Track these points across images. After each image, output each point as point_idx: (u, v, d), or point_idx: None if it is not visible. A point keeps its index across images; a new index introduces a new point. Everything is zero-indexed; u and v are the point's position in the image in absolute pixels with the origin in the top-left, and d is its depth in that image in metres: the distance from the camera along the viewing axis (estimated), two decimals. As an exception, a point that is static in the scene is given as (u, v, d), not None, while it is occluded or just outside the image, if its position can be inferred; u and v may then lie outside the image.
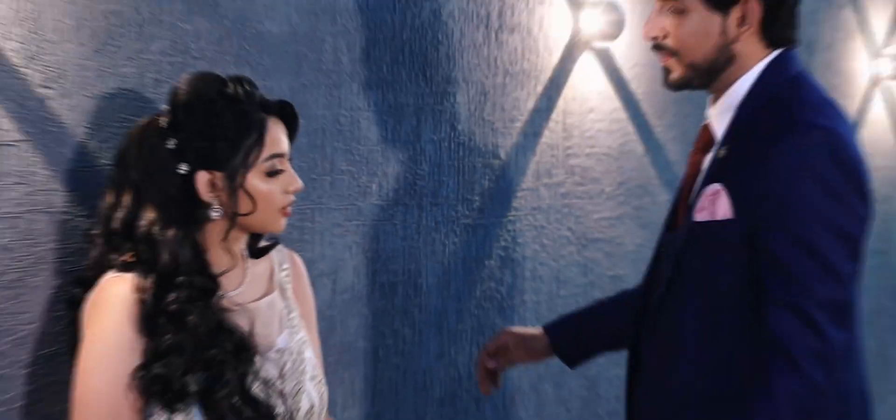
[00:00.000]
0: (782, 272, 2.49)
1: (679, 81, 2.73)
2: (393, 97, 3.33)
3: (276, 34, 3.05)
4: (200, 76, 2.51)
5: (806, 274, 2.47)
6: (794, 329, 2.46)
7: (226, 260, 2.55)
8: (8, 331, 2.59)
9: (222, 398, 2.42)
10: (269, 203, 2.52)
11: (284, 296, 2.68)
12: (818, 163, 2.48)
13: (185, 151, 2.45)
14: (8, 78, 2.57)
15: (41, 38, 2.62)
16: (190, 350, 2.40)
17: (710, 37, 2.66)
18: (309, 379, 2.61)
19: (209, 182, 2.47)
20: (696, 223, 2.63)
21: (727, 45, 2.67)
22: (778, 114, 2.58)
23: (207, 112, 2.46)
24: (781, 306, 2.48)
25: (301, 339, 2.65)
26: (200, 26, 2.89)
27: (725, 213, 2.57)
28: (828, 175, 2.48)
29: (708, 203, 2.60)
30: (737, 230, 2.55)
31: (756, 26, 2.66)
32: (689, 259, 2.65)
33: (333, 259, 3.26)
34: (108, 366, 2.40)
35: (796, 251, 2.48)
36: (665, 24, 2.69)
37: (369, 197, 3.33)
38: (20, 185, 2.59)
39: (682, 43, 2.68)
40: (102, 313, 2.42)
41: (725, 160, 2.62)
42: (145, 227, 2.45)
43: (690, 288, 2.65)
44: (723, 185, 2.58)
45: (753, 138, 2.58)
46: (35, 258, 2.63)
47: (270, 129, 2.51)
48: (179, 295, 2.42)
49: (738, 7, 2.64)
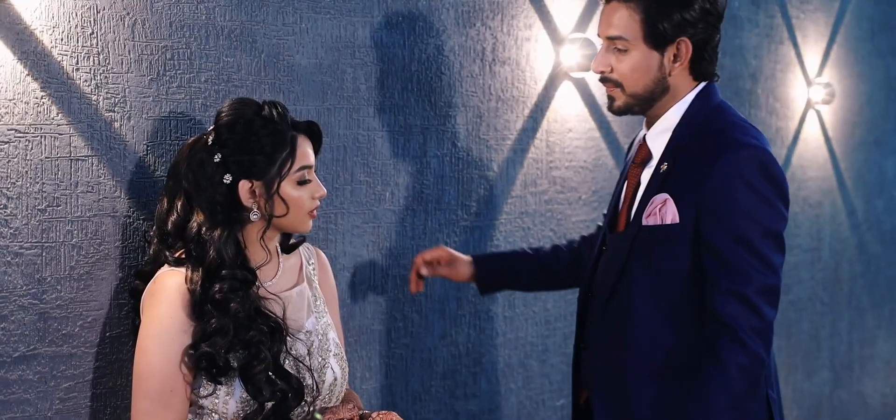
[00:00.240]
0: (726, 265, 2.57)
1: (622, 108, 2.76)
2: (403, 119, 3.33)
3: (304, 66, 3.05)
4: (240, 101, 2.52)
5: (745, 266, 2.56)
6: (739, 312, 2.55)
7: (262, 255, 2.55)
8: (79, 316, 2.59)
9: (259, 372, 2.42)
10: (300, 207, 2.53)
11: (311, 286, 2.67)
12: (750, 174, 2.58)
13: (229, 164, 2.46)
14: (79, 103, 2.57)
15: (107, 69, 2.62)
16: (232, 332, 2.40)
17: (650, 71, 2.69)
18: (333, 356, 2.60)
19: (250, 189, 2.47)
20: (644, 227, 2.68)
21: (664, 78, 2.70)
22: (712, 136, 2.65)
23: (247, 131, 2.46)
24: (726, 293, 2.56)
25: (326, 322, 2.64)
26: (241, 60, 2.89)
27: (673, 218, 2.64)
28: (758, 184, 2.58)
29: (657, 210, 2.66)
30: (682, 232, 2.63)
31: (686, 63, 2.70)
32: (638, 255, 2.70)
33: (353, 255, 3.25)
34: (163, 345, 2.39)
35: (737, 247, 2.56)
36: (610, 60, 2.72)
37: (383, 203, 3.32)
38: (89, 193, 2.59)
39: (626, 76, 2.71)
40: (158, 301, 2.42)
41: (668, 174, 2.67)
42: (195, 228, 2.45)
43: (641, 277, 2.70)
44: (669, 195, 2.64)
45: (692, 156, 2.65)
46: (102, 255, 2.62)
47: (300, 145, 2.52)
48: (223, 286, 2.42)
49: (673, 45, 2.67)
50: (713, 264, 2.58)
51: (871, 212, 5.75)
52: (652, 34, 2.65)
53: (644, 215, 2.68)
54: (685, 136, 2.69)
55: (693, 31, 2.66)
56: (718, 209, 2.57)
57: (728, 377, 2.54)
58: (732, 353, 2.53)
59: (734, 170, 2.57)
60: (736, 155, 2.58)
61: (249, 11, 2.89)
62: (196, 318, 2.41)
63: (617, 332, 2.75)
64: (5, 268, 2.46)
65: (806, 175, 5.16)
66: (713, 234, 2.58)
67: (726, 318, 2.55)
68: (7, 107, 2.44)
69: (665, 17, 2.64)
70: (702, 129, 2.68)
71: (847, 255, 5.58)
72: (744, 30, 4.66)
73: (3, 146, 2.44)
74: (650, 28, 2.65)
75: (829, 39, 5.29)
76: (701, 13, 2.65)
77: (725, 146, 2.60)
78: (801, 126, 5.11)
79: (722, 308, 2.55)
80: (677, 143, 2.69)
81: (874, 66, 5.67)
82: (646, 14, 2.64)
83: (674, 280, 2.67)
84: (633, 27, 2.66)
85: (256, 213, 2.49)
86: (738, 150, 2.59)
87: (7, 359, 2.48)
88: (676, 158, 2.67)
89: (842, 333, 5.59)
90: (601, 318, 2.80)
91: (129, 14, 2.65)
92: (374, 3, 3.22)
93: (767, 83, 4.85)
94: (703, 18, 2.66)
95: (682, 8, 2.64)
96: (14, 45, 2.44)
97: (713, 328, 2.58)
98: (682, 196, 2.63)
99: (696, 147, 2.66)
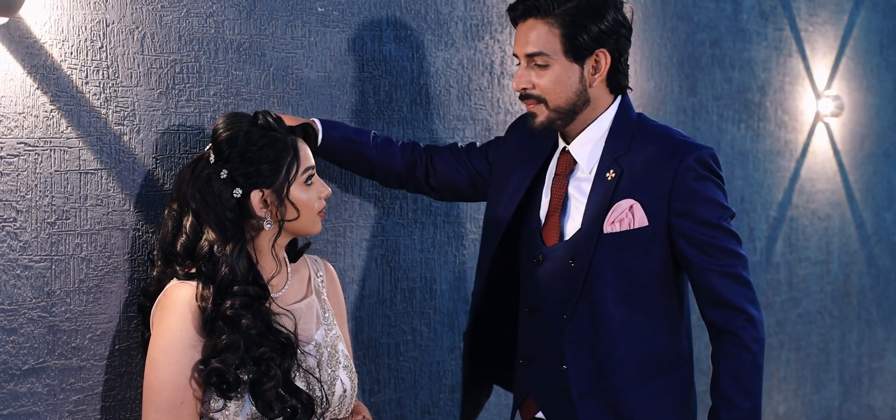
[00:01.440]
0: (714, 249, 2.72)
1: (544, 123, 2.78)
2: (412, 132, 3.33)
3: (313, 79, 3.05)
4: (233, 115, 2.53)
5: (729, 245, 2.74)
6: (739, 292, 2.73)
7: (274, 265, 2.55)
8: (88, 329, 2.59)
9: (269, 389, 2.42)
10: (309, 209, 2.55)
11: (320, 298, 2.67)
12: (710, 169, 2.74)
13: (236, 178, 2.46)
14: (89, 117, 2.57)
15: (116, 82, 2.62)
16: (243, 348, 2.40)
17: (572, 84, 2.74)
18: (342, 368, 2.60)
19: (261, 199, 2.48)
20: (609, 234, 2.73)
21: (585, 91, 2.76)
22: (660, 140, 2.78)
23: (248, 142, 2.47)
24: (723, 276, 2.73)
25: (335, 334, 2.64)
26: (250, 73, 2.89)
27: (642, 221, 2.72)
28: (716, 176, 2.76)
29: (624, 216, 2.73)
30: (653, 232, 2.73)
31: (605, 74, 2.75)
32: (606, 262, 2.74)
33: (362, 269, 3.25)
34: (173, 359, 2.39)
35: (719, 233, 2.73)
36: (531, 77, 2.75)
37: (392, 216, 3.32)
38: (98, 206, 2.59)
39: (548, 91, 2.74)
40: (169, 314, 2.41)
41: (619, 181, 2.74)
42: (207, 246, 2.44)
43: (613, 283, 2.75)
44: (636, 201, 2.72)
45: (645, 161, 2.75)
46: (111, 268, 2.62)
47: (301, 148, 2.54)
48: (235, 302, 2.42)
49: (592, 57, 2.73)
50: (700, 255, 2.72)
51: (881, 224, 5.73)
52: (572, 47, 2.71)
53: (607, 222, 2.73)
54: (623, 144, 2.77)
55: (609, 42, 2.73)
56: (694, 204, 2.71)
57: (753, 354, 2.72)
58: (748, 331, 2.72)
59: (699, 166, 2.71)
60: (697, 153, 2.72)
61: (258, 25, 2.90)
62: (207, 334, 2.41)
63: (593, 343, 2.78)
64: (15, 281, 2.46)
65: (815, 188, 5.15)
66: (694, 227, 2.71)
67: (732, 300, 2.72)
68: (17, 120, 2.44)
69: (583, 29, 2.70)
70: (638, 136, 2.78)
71: (856, 267, 5.56)
72: (752, 43, 4.66)
73: (12, 160, 2.45)
74: (570, 41, 2.70)
75: (838, 52, 5.28)
76: (614, 24, 2.73)
77: (686, 146, 2.74)
78: (810, 139, 5.10)
79: (725, 292, 2.72)
80: (617, 152, 2.76)
81: (883, 79, 5.66)
82: (564, 28, 2.70)
83: (649, 279, 2.76)
84: (552, 42, 2.71)
85: (269, 221, 2.50)
86: (697, 149, 2.73)
87: (16, 371, 2.48)
88: (624, 166, 2.74)
89: (851, 346, 5.57)
90: (562, 332, 2.79)
91: (139, 28, 2.65)
92: (382, 17, 3.22)
93: (776, 96, 4.84)
94: (616, 30, 2.74)
95: (597, 20, 2.71)
96: (24, 59, 2.45)
97: (722, 312, 2.74)
98: (648, 199, 2.72)
99: (647, 152, 2.75)
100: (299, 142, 2.56)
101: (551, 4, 2.70)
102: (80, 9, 2.55)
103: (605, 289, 2.75)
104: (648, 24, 4.14)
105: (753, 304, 2.75)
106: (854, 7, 5.34)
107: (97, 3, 2.58)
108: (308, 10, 3.02)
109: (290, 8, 2.98)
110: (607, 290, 2.75)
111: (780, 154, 4.86)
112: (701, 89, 4.40)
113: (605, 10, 2.72)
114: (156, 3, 2.69)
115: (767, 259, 4.84)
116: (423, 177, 3.08)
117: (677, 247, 2.74)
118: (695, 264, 2.74)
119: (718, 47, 4.47)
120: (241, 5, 2.86)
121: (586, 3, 2.71)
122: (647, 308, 2.78)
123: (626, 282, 2.75)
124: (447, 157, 3.08)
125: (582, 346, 2.78)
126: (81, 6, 2.55)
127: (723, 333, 2.75)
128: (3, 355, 2.46)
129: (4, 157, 2.44)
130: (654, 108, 4.17)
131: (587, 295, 2.76)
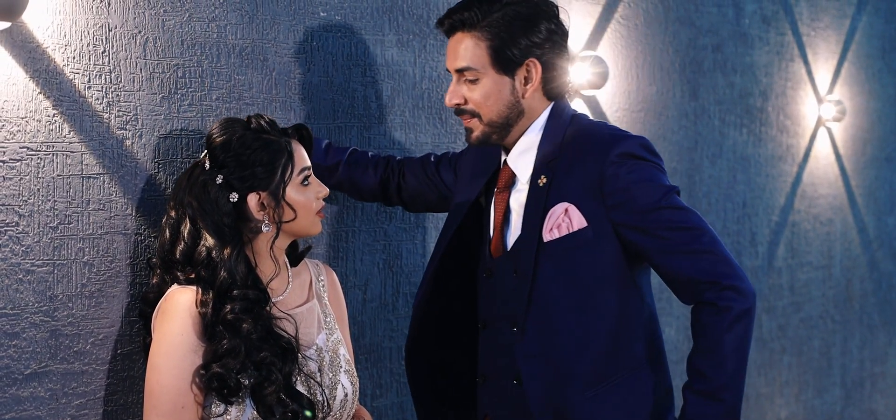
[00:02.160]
0: (664, 231, 2.59)
1: (480, 138, 2.73)
2: (414, 137, 3.33)
3: (315, 84, 3.05)
4: (226, 120, 2.53)
5: (681, 223, 2.60)
6: (701, 264, 2.58)
7: (272, 268, 2.55)
8: (90, 333, 2.59)
9: (270, 394, 2.42)
10: (307, 209, 2.55)
11: (321, 302, 2.67)
12: (640, 152, 2.63)
13: (232, 182, 2.46)
14: (91, 121, 2.57)
15: (119, 87, 2.62)
16: (244, 353, 2.40)
17: (503, 97, 2.68)
18: (343, 372, 2.60)
19: (258, 202, 2.48)
20: (549, 242, 2.65)
21: (517, 102, 2.69)
22: (588, 137, 2.69)
23: (242, 146, 2.47)
24: (680, 254, 2.59)
25: (336, 338, 2.64)
26: (252, 78, 2.89)
27: (580, 222, 2.63)
28: (649, 156, 2.65)
29: (560, 221, 2.65)
30: (594, 232, 2.63)
31: (538, 83, 2.69)
32: (549, 270, 2.67)
33: (364, 274, 3.25)
34: (174, 364, 2.39)
35: (664, 213, 2.60)
36: (463, 92, 2.69)
37: (394, 222, 3.32)
38: (101, 211, 2.59)
39: (480, 105, 2.68)
40: (170, 319, 2.41)
41: (550, 185, 2.67)
42: (205, 252, 2.44)
43: (559, 291, 2.67)
44: (570, 203, 2.64)
45: (574, 160, 2.66)
46: (113, 273, 2.62)
47: (296, 149, 2.55)
48: (235, 306, 2.41)
49: (523, 68, 2.67)
50: (651, 240, 2.61)
51: (883, 229, 5.73)
52: (500, 60, 2.65)
53: (545, 230, 2.66)
54: (554, 149, 2.69)
55: (541, 52, 2.66)
56: (627, 193, 2.60)
57: (729, 322, 2.56)
58: (725, 298, 2.56)
59: (626, 154, 2.61)
60: (625, 142, 2.63)
61: (261, 30, 2.90)
62: (207, 339, 2.41)
63: (547, 356, 2.69)
64: (17, 285, 2.46)
65: (817, 193, 5.14)
66: (635, 217, 2.61)
67: (698, 276, 2.58)
68: (19, 125, 2.44)
69: (512, 42, 2.64)
70: (568, 139, 2.70)
71: (858, 272, 5.55)
72: (754, 47, 4.65)
73: (15, 164, 2.45)
74: (497, 54, 2.64)
75: (840, 57, 5.27)
76: (547, 34, 2.66)
77: (611, 139, 2.64)
78: (812, 144, 5.10)
79: (688, 270, 2.59)
80: (548, 158, 2.69)
81: (885, 84, 5.65)
82: (492, 41, 2.64)
83: (599, 282, 2.67)
84: (480, 55, 2.65)
85: (267, 224, 2.50)
86: (624, 139, 2.64)
87: (19, 376, 2.47)
88: (554, 170, 2.67)
89: (853, 351, 5.56)
90: (513, 348, 2.71)
91: (141, 32, 2.65)
92: (384, 22, 3.22)
93: (778, 101, 4.84)
94: (550, 39, 2.67)
95: (528, 32, 2.64)
96: (26, 64, 2.45)
97: (691, 290, 2.61)
98: (582, 199, 2.64)
99: (575, 152, 2.67)
100: (294, 143, 2.56)
101: (477, 17, 2.64)
102: (83, 13, 2.55)
103: (555, 299, 2.68)
104: (650, 28, 4.14)
105: (725, 270, 2.58)
106: (856, 12, 5.34)
107: (100, 8, 2.58)
108: (310, 15, 3.02)
109: (293, 13, 2.98)
110: (557, 299, 2.67)
111: (781, 159, 4.86)
112: (703, 94, 4.39)
113: (537, 20, 2.66)
114: (158, 7, 2.69)
115: (769, 264, 4.84)
116: (395, 192, 3.06)
117: (627, 240, 2.64)
118: (649, 251, 2.63)
119: (720, 52, 4.47)
120: (244, 10, 2.86)
121: (514, 14, 2.65)
122: (600, 312, 2.68)
123: (576, 289, 2.67)
124: (418, 172, 3.05)
125: (537, 362, 2.70)
126: (84, 11, 2.55)
127: (699, 307, 2.61)
128: (6, 360, 2.46)
129: (7, 162, 2.44)
130: (655, 113, 4.17)
131: (537, 307, 2.68)
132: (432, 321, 2.91)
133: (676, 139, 4.29)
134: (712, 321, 2.57)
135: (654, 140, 4.17)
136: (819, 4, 5.08)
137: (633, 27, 4.07)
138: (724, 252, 2.61)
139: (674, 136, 4.27)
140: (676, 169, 4.29)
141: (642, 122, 4.12)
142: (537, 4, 2.68)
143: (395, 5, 3.25)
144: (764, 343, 4.85)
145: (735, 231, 4.62)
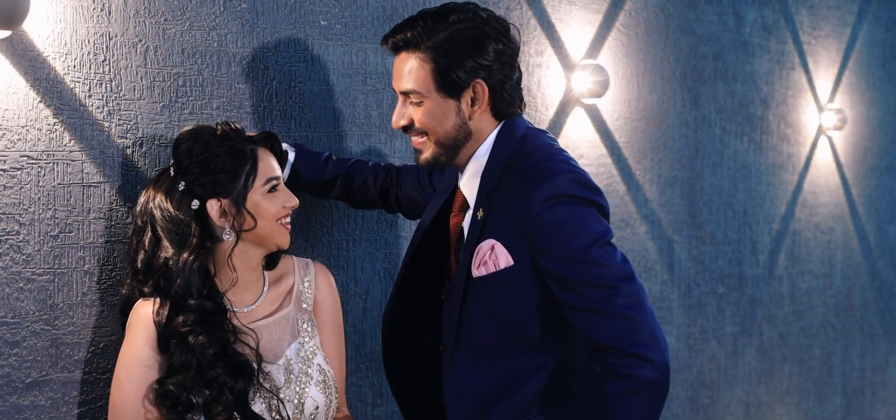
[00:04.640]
0: (591, 289, 2.44)
1: (430, 160, 2.62)
2: (414, 145, 3.33)
3: (316, 93, 3.05)
4: (195, 127, 2.51)
5: (601, 281, 2.43)
6: (620, 330, 2.42)
7: (232, 276, 2.51)
8: (91, 342, 2.59)
9: (219, 413, 2.39)
10: (267, 217, 2.50)
11: (299, 307, 2.63)
12: (568, 190, 2.47)
13: (194, 189, 2.44)
14: (92, 130, 2.57)
15: (119, 96, 2.62)
16: (195, 368, 2.37)
17: (448, 118, 2.57)
18: (314, 384, 2.55)
19: (220, 209, 2.46)
20: (476, 278, 2.57)
21: (464, 124, 2.58)
22: (523, 172, 2.54)
23: (206, 152, 2.45)
24: (592, 313, 2.44)
25: (312, 347, 2.59)
26: (252, 86, 2.89)
27: (507, 261, 2.52)
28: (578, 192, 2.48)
29: (486, 258, 2.55)
30: (520, 271, 2.51)
31: (485, 104, 2.58)
32: (476, 304, 2.58)
33: (364, 282, 3.24)
34: (133, 379, 2.38)
35: (587, 267, 2.44)
36: (409, 112, 2.60)
37: (394, 230, 3.32)
38: (101, 219, 2.60)
39: (426, 125, 2.58)
40: (130, 333, 2.42)
41: (486, 220, 2.56)
42: (162, 260, 2.43)
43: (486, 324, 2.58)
44: (496, 240, 2.53)
45: (507, 196, 2.54)
46: (113, 281, 2.62)
47: (262, 157, 2.51)
48: (187, 317, 2.39)
49: (469, 90, 2.56)
50: (567, 293, 2.47)
51: (883, 238, 5.73)
52: (444, 83, 2.54)
53: (473, 266, 2.57)
54: (494, 178, 2.57)
55: (487, 73, 2.55)
56: (551, 238, 2.46)
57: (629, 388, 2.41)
58: (630, 367, 2.41)
59: (555, 195, 2.47)
60: (555, 180, 2.48)
61: (261, 39, 2.90)
62: (162, 351, 2.39)
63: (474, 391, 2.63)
64: (18, 294, 2.46)
65: (817, 201, 5.14)
66: (555, 263, 2.47)
67: (606, 341, 2.43)
68: (20, 133, 2.45)
69: (456, 64, 2.53)
70: (509, 166, 2.57)
71: (859, 281, 5.55)
72: (755, 56, 4.66)
73: (15, 173, 2.45)
74: (442, 77, 2.53)
75: (841, 66, 5.28)
76: (495, 55, 2.55)
77: (541, 177, 2.49)
78: (813, 152, 5.10)
79: (597, 333, 2.44)
80: (488, 188, 2.57)
81: (886, 92, 5.66)
82: (436, 63, 2.53)
83: (527, 322, 2.56)
84: (423, 77, 2.54)
85: (229, 232, 2.48)
86: (555, 176, 2.48)
87: (19, 384, 2.47)
88: (492, 202, 2.56)
89: (854, 359, 5.56)
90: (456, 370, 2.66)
91: (142, 41, 2.65)
92: (385, 30, 3.22)
93: (779, 109, 4.84)
94: (498, 59, 2.55)
95: (474, 53, 2.53)
96: (27, 72, 2.45)
97: (600, 352, 2.46)
98: (509, 237, 2.52)
99: (509, 186, 2.54)
100: (260, 150, 2.52)
101: (421, 37, 2.53)
102: (83, 22, 2.55)
103: (482, 334, 2.59)
104: (651, 37, 4.14)
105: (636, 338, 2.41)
106: (857, 20, 5.35)
107: (100, 17, 2.58)
108: (310, 24, 3.02)
109: (293, 21, 2.98)
110: (484, 335, 2.59)
111: (782, 167, 4.86)
112: (704, 102, 4.39)
113: (483, 41, 2.54)
114: (159, 16, 2.69)
115: (770, 272, 4.84)
116: (394, 201, 3.04)
117: (548, 285, 2.50)
118: (563, 304, 2.49)
119: (721, 60, 4.47)
120: (244, 19, 2.87)
121: (460, 35, 2.53)
122: (529, 350, 2.57)
123: (504, 326, 2.57)
124: (414, 181, 3.01)
125: (462, 398, 2.64)
126: (84, 19, 2.56)
127: (602, 372, 2.47)
128: (6, 368, 2.46)
129: (7, 170, 2.44)
130: (656, 122, 4.17)
131: (465, 340, 2.61)
132: (398, 336, 2.85)
133: (677, 148, 4.29)
134: (610, 387, 2.43)
135: (655, 148, 4.18)
136: (820, 13, 5.08)
137: (634, 36, 4.07)
138: (643, 317, 2.43)
139: (674, 144, 4.27)
140: (677, 177, 4.29)
141: (643, 130, 4.12)
142: (484, 23, 2.56)
143: (395, 14, 3.25)
144: (765, 352, 4.85)
145: (736, 239, 4.62)
